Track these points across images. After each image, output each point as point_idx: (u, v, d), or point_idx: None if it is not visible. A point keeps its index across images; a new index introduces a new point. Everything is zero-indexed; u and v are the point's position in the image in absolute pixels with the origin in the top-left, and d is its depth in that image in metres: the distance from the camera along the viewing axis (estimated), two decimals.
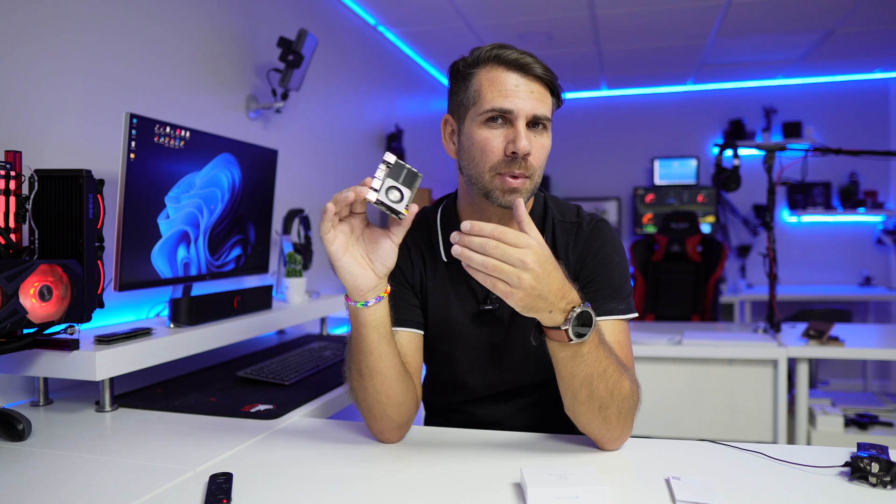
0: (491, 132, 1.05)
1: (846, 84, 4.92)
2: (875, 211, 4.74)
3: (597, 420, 1.00)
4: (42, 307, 1.13)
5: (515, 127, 1.03)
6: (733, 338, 2.58)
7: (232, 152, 1.79)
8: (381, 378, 1.02)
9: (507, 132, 1.04)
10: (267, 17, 2.44)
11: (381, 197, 0.93)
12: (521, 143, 1.01)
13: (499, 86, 1.04)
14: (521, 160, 1.03)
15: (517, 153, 1.02)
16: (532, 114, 1.03)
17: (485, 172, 1.06)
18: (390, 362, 1.02)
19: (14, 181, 1.21)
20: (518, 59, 1.04)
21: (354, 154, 3.27)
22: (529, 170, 1.04)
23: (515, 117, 1.03)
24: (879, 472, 0.90)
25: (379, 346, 1.01)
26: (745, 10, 3.33)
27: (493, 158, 1.04)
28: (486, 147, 1.05)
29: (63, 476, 0.99)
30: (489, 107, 1.04)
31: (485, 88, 1.05)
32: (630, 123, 5.38)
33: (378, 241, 0.99)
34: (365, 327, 1.00)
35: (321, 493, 0.91)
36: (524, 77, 1.04)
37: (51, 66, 1.53)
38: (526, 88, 1.04)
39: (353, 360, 1.04)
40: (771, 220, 2.68)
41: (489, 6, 3.25)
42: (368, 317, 0.99)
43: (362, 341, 1.01)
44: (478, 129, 1.06)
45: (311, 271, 2.48)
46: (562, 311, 0.90)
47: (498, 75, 1.05)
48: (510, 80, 1.04)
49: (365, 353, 1.01)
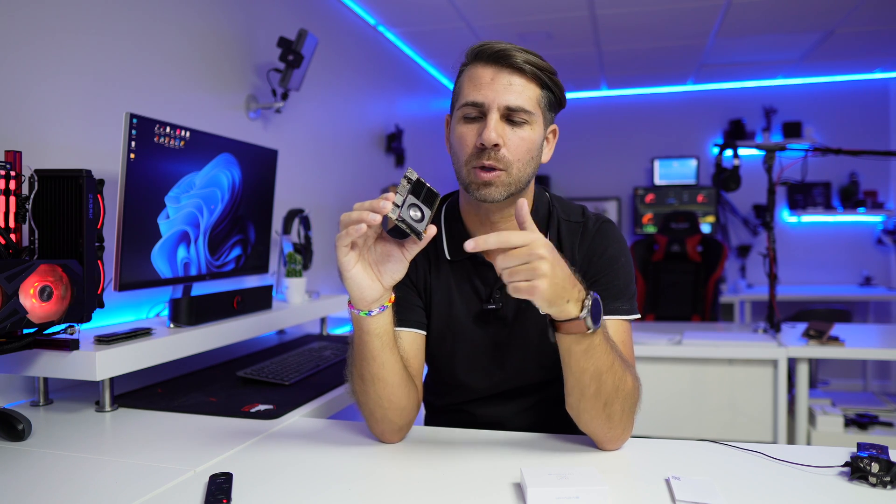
0: (466, 126, 1.05)
1: (846, 84, 4.92)
2: (875, 211, 4.74)
3: (601, 417, 1.00)
4: (42, 307, 1.13)
5: (486, 119, 1.02)
6: (733, 338, 2.58)
7: (232, 152, 1.79)
8: (383, 384, 1.02)
9: (480, 125, 1.04)
10: (267, 17, 2.44)
11: (403, 214, 0.90)
12: (486, 134, 1.01)
13: (475, 80, 1.04)
14: (491, 151, 1.02)
15: (484, 144, 1.01)
16: (503, 105, 1.02)
17: (462, 167, 1.06)
18: (392, 369, 1.02)
19: (14, 181, 1.21)
20: (498, 52, 1.03)
21: (354, 154, 3.27)
22: (501, 162, 1.03)
23: (487, 109, 1.02)
24: (879, 472, 0.90)
25: (381, 353, 1.00)
26: (745, 10, 3.33)
27: (466, 151, 1.05)
28: (462, 141, 1.05)
29: (63, 476, 0.99)
30: (464, 101, 1.04)
31: (465, 84, 1.06)
32: (630, 123, 5.38)
33: (390, 254, 0.97)
34: (367, 335, 0.99)
35: (321, 493, 0.91)
36: (503, 69, 1.03)
37: (51, 66, 1.53)
38: (505, 80, 1.03)
39: (354, 365, 1.04)
40: (771, 220, 2.68)
41: (489, 6, 3.25)
42: (371, 325, 0.99)
43: (364, 348, 1.00)
44: (457, 124, 1.07)
45: (311, 271, 2.48)
46: (576, 301, 0.91)
47: (476, 70, 1.05)
48: (486, 74, 1.04)
49: (367, 360, 1.01)
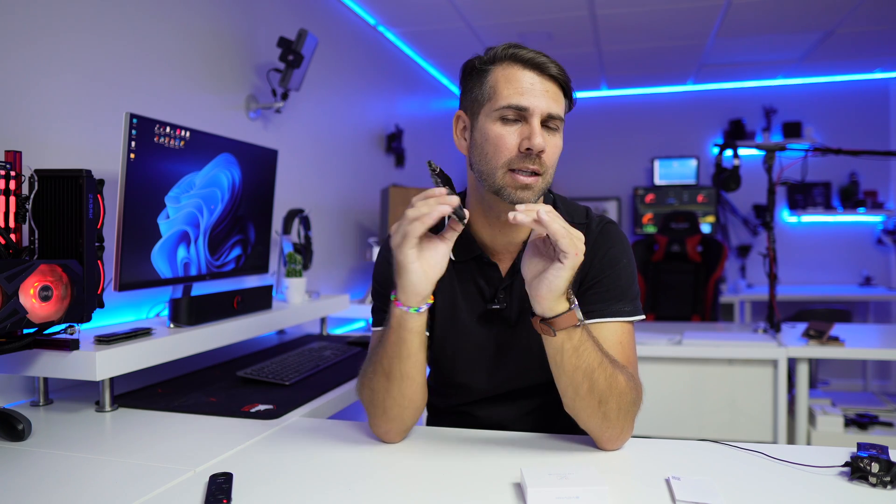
0: (505, 129, 1.04)
1: (846, 84, 4.91)
2: (875, 211, 4.74)
3: (597, 415, 1.01)
4: (42, 307, 1.13)
5: (530, 124, 1.03)
6: (733, 338, 2.58)
7: (232, 152, 1.79)
8: (410, 382, 1.04)
9: (521, 129, 1.04)
10: (267, 17, 2.44)
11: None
12: (537, 140, 1.02)
13: (515, 83, 1.04)
14: (536, 156, 1.03)
15: (532, 149, 1.02)
16: (547, 112, 1.04)
17: (497, 168, 1.05)
18: (422, 368, 1.05)
19: (14, 181, 1.21)
20: (534, 59, 1.04)
21: (354, 154, 3.27)
22: (543, 167, 1.05)
23: (531, 115, 1.03)
24: (879, 472, 0.90)
25: (419, 351, 1.03)
26: (745, 10, 3.33)
27: (506, 154, 1.04)
28: (500, 143, 1.04)
29: (63, 476, 0.99)
30: (505, 103, 1.04)
31: (501, 85, 1.05)
32: (630, 123, 5.38)
33: (435, 247, 1.00)
34: (410, 332, 1.01)
35: (321, 493, 0.91)
36: (540, 76, 1.05)
37: (51, 66, 1.53)
38: (541, 87, 1.04)
39: (380, 363, 1.04)
40: (771, 220, 2.68)
41: (489, 6, 3.25)
42: (416, 322, 1.00)
43: (403, 346, 1.01)
44: (492, 125, 1.05)
45: (311, 271, 2.48)
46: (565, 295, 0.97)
47: (514, 73, 1.05)
48: (526, 78, 1.04)
49: (402, 358, 1.02)
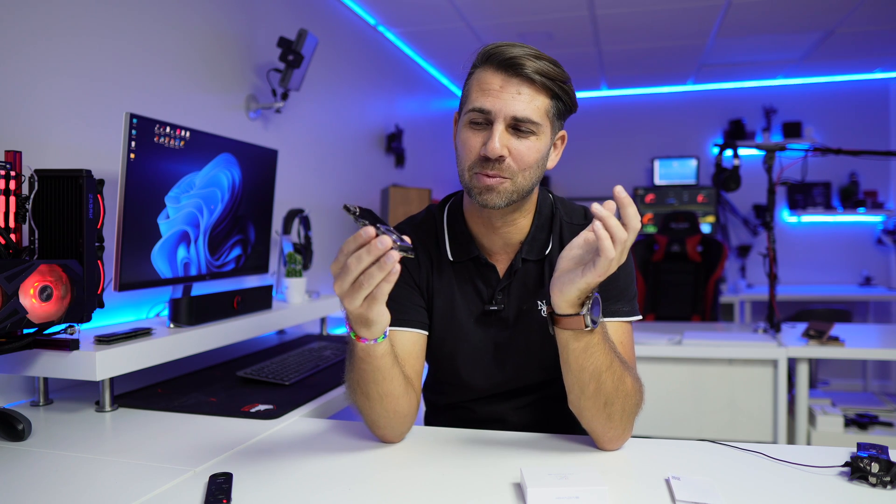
0: (472, 132, 1.05)
1: (846, 84, 4.91)
2: (875, 211, 4.74)
3: (601, 417, 1.00)
4: (42, 307, 1.13)
5: (492, 128, 1.02)
6: (733, 338, 2.58)
7: (232, 152, 1.79)
8: (391, 398, 1.01)
9: (485, 133, 1.03)
10: (267, 17, 2.44)
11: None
12: (491, 145, 1.01)
13: (484, 86, 1.03)
14: (495, 162, 1.02)
15: (488, 156, 1.01)
16: (510, 115, 1.01)
17: (465, 171, 1.06)
18: (399, 381, 1.01)
19: (14, 181, 1.21)
20: (510, 59, 1.01)
21: (354, 154, 3.27)
22: (505, 172, 1.03)
23: (493, 118, 1.02)
24: (879, 472, 0.90)
25: (391, 370, 0.99)
26: (745, 10, 3.33)
27: (470, 158, 1.05)
28: (466, 146, 1.05)
29: (63, 476, 0.99)
30: (471, 106, 1.04)
31: (473, 88, 1.05)
32: (630, 123, 5.38)
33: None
34: (378, 358, 0.96)
35: (321, 493, 0.91)
36: (513, 77, 1.01)
37: (51, 67, 1.53)
38: (513, 89, 1.01)
39: (359, 385, 1.00)
40: (771, 220, 2.68)
41: (489, 6, 3.25)
42: (382, 348, 0.95)
43: (375, 372, 0.98)
44: (463, 128, 1.06)
45: (311, 271, 2.48)
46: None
47: (486, 75, 1.04)
48: (496, 81, 1.02)
49: (377, 381, 0.99)
